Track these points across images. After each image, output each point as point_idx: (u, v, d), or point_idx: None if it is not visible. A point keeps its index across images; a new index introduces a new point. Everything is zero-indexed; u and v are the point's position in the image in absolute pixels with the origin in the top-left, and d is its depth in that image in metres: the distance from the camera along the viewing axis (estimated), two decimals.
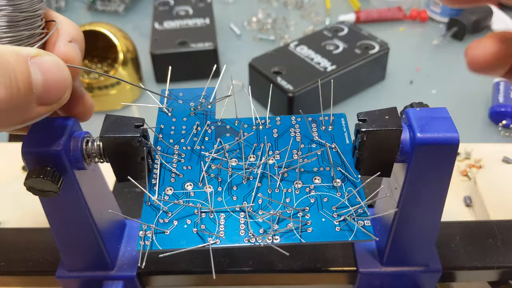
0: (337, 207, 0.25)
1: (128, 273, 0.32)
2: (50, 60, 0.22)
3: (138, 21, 0.75)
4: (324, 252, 0.34)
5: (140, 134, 0.25)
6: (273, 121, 0.30)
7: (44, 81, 0.21)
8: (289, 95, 0.50)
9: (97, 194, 0.30)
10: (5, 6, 0.21)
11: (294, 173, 0.27)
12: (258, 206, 0.25)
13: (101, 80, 0.56)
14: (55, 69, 0.22)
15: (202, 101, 0.31)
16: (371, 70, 0.57)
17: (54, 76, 0.22)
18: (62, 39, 0.24)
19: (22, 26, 0.22)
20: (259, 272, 0.33)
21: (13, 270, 0.34)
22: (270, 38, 0.69)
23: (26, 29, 0.22)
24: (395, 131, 0.25)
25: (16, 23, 0.22)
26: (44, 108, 0.22)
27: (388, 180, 0.30)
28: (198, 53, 0.59)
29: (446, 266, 0.32)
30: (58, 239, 0.30)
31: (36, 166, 0.25)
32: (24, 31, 0.22)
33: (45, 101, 0.22)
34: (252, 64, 0.55)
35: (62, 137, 0.25)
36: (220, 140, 0.29)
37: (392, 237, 0.30)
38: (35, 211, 0.42)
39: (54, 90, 0.22)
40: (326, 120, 0.30)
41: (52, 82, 0.22)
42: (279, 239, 0.24)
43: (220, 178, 0.27)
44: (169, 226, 0.25)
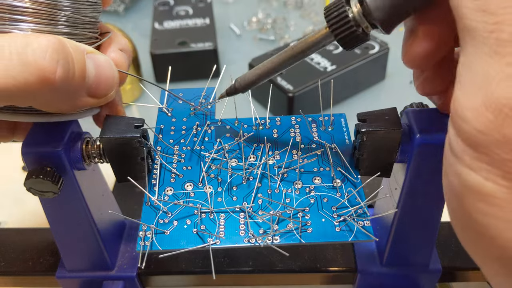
0: (337, 208, 0.25)
1: (128, 273, 0.32)
2: (103, 58, 0.24)
3: (138, 21, 0.75)
4: (324, 252, 0.34)
5: (140, 135, 0.25)
6: (273, 121, 0.30)
7: (96, 75, 0.24)
8: (289, 95, 0.50)
9: (97, 194, 0.30)
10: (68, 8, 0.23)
11: (294, 173, 0.27)
12: (258, 206, 0.25)
13: None
14: (107, 67, 0.24)
15: (202, 101, 0.31)
16: (371, 70, 0.57)
17: (105, 72, 0.24)
18: (114, 47, 0.27)
19: (80, 28, 0.24)
20: (259, 272, 0.33)
21: (13, 270, 0.34)
22: (270, 38, 0.69)
23: (83, 31, 0.25)
24: (395, 131, 0.25)
25: (75, 24, 0.24)
26: (92, 100, 0.24)
27: (388, 180, 0.30)
28: (198, 53, 0.59)
29: (446, 266, 0.32)
30: (58, 239, 0.30)
31: (36, 166, 0.25)
32: (81, 32, 0.25)
33: (94, 93, 0.24)
34: (252, 64, 0.55)
35: (62, 137, 0.25)
36: (220, 141, 0.29)
37: (392, 237, 0.30)
38: (35, 211, 0.43)
39: (103, 85, 0.24)
40: (326, 120, 0.30)
41: (103, 78, 0.24)
42: (279, 239, 0.24)
43: (220, 178, 0.27)
44: (169, 226, 0.25)
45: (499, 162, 0.16)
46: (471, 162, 0.17)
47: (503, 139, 0.16)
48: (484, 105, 0.16)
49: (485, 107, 0.16)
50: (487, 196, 0.17)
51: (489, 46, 0.16)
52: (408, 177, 0.26)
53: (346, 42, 0.22)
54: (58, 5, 0.23)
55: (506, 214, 0.17)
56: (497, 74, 0.16)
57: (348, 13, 0.21)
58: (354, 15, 0.21)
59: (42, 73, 0.20)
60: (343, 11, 0.21)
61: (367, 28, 0.21)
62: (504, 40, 0.16)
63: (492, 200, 0.17)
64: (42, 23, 0.22)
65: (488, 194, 0.17)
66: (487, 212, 0.17)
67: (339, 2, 0.22)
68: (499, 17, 0.16)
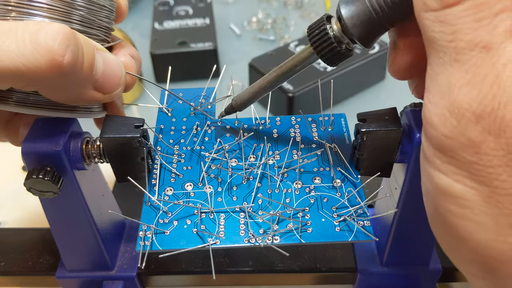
0: (337, 208, 0.25)
1: (128, 273, 0.32)
2: (113, 57, 0.25)
3: (138, 21, 0.75)
4: (324, 252, 0.34)
5: (140, 135, 0.25)
6: (273, 121, 0.30)
7: (104, 70, 0.24)
8: (289, 95, 0.50)
9: (97, 194, 0.30)
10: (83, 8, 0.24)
11: (294, 173, 0.27)
12: (258, 206, 0.25)
13: None
14: (115, 65, 0.25)
15: (202, 101, 0.31)
16: (371, 70, 0.57)
17: (113, 69, 0.25)
18: (124, 51, 0.27)
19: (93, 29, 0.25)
20: (259, 272, 0.33)
21: (13, 270, 0.34)
22: (270, 38, 0.69)
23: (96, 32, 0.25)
24: (395, 131, 0.25)
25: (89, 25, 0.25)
26: (97, 94, 0.25)
27: (388, 180, 0.30)
28: (198, 53, 0.59)
29: (446, 266, 0.32)
30: (58, 239, 0.30)
31: (36, 166, 0.25)
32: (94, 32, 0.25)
33: (100, 87, 0.24)
34: (252, 64, 0.55)
35: (62, 137, 0.25)
36: (220, 141, 0.29)
37: (392, 237, 0.30)
38: (35, 211, 0.43)
39: (110, 81, 0.25)
40: (326, 120, 0.30)
41: (110, 74, 0.25)
42: (279, 239, 0.24)
43: (220, 178, 0.27)
44: (169, 226, 0.25)
45: (466, 164, 0.17)
46: (441, 165, 0.18)
47: (467, 142, 0.17)
48: (448, 111, 0.17)
49: (449, 112, 0.17)
50: (457, 198, 0.18)
51: (449, 55, 0.17)
52: (408, 177, 0.26)
53: (329, 60, 0.23)
54: (73, 4, 0.24)
55: (476, 216, 0.17)
56: (457, 81, 0.17)
57: (329, 31, 0.22)
58: (335, 33, 0.22)
59: (51, 56, 0.21)
60: (323, 29, 0.22)
61: (349, 44, 0.22)
62: (462, 48, 0.16)
63: (462, 202, 0.18)
64: (56, 19, 0.23)
65: (458, 196, 0.18)
66: (458, 214, 0.18)
67: (320, 21, 0.23)
68: (456, 27, 0.16)
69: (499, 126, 0.16)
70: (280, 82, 0.26)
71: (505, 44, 0.16)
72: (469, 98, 0.16)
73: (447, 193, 0.18)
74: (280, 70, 0.26)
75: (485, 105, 0.16)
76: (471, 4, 0.16)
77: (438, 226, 0.20)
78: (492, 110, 0.16)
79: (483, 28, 0.16)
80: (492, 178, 0.17)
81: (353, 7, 0.21)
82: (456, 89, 0.17)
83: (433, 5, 0.17)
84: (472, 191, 0.17)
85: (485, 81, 0.16)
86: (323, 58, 0.23)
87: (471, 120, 0.17)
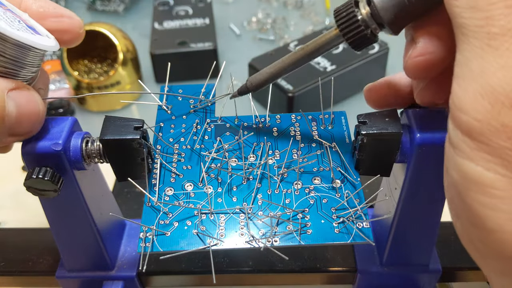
0: (336, 209, 0.25)
1: (128, 273, 0.32)
2: (27, 94, 0.23)
3: (138, 21, 0.75)
4: (324, 252, 0.34)
5: (140, 136, 0.25)
6: (273, 119, 0.30)
7: (17, 115, 0.23)
8: (289, 95, 0.50)
9: (97, 194, 0.30)
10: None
11: (294, 173, 0.27)
12: (258, 207, 0.25)
13: (101, 80, 0.56)
14: (31, 104, 0.23)
15: (201, 98, 0.31)
16: (371, 70, 0.57)
17: (28, 110, 0.23)
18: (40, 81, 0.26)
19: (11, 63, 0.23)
20: (259, 272, 0.33)
21: (13, 270, 0.34)
22: (270, 38, 0.69)
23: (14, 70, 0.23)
24: (395, 134, 0.25)
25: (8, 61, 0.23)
26: (13, 138, 0.24)
27: (388, 180, 0.30)
28: (198, 53, 0.59)
29: (446, 266, 0.32)
30: (58, 239, 0.30)
31: (36, 166, 0.25)
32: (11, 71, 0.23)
33: (15, 132, 0.23)
34: (252, 64, 0.55)
35: (62, 137, 0.25)
36: (220, 139, 0.29)
37: (392, 237, 0.30)
38: (35, 211, 0.42)
39: (25, 124, 0.23)
40: (326, 118, 0.29)
41: (25, 116, 0.23)
42: (278, 241, 0.24)
43: (220, 178, 0.27)
44: (169, 227, 0.25)
45: (498, 150, 0.17)
46: (471, 152, 0.17)
47: (501, 127, 0.16)
48: (481, 95, 0.17)
49: (482, 96, 0.17)
50: (487, 187, 0.17)
51: (481, 40, 0.17)
52: (408, 177, 0.26)
53: (355, 43, 0.23)
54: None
55: (507, 205, 0.17)
56: (491, 65, 0.16)
57: (357, 14, 0.22)
58: (363, 17, 0.22)
59: None
60: (351, 11, 0.22)
61: (376, 30, 0.22)
62: (494, 34, 0.16)
63: (492, 192, 0.17)
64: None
65: (489, 185, 0.17)
66: (488, 204, 0.17)
67: (348, 3, 0.22)
68: (488, 13, 0.16)
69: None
70: (299, 64, 0.25)
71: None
72: (504, 82, 0.16)
73: (477, 182, 0.17)
74: (303, 50, 0.25)
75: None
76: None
77: (464, 218, 0.19)
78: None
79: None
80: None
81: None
82: (490, 72, 0.17)
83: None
84: (503, 179, 0.17)
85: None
86: (349, 41, 0.23)
87: (506, 104, 0.16)
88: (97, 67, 0.60)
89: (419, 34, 0.21)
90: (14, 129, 0.23)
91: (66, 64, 0.56)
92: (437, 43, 0.21)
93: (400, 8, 0.21)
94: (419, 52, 0.21)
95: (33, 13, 0.26)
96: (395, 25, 0.21)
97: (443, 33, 0.20)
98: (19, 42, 0.22)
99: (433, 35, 0.21)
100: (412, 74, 0.22)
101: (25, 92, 0.23)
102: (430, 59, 0.21)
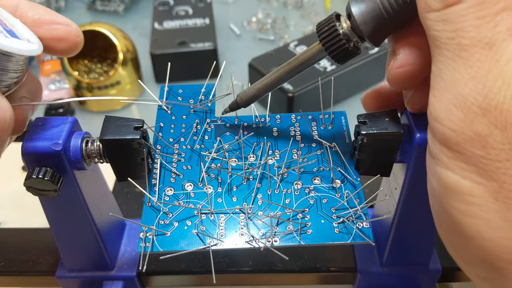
0: (336, 209, 0.25)
1: (128, 273, 0.32)
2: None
3: (138, 21, 0.75)
4: (324, 252, 0.34)
5: (140, 136, 0.25)
6: (273, 119, 0.30)
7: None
8: (289, 95, 0.50)
9: (97, 194, 0.30)
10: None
11: (294, 173, 0.27)
12: (258, 207, 0.25)
13: (101, 80, 0.56)
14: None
15: (201, 98, 0.31)
16: (371, 70, 0.57)
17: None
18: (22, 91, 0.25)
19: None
20: (259, 272, 0.33)
21: (13, 270, 0.34)
22: (270, 38, 0.69)
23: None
24: (395, 134, 0.25)
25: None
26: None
27: (388, 180, 0.30)
28: (198, 53, 0.59)
29: (446, 266, 0.32)
30: (58, 239, 0.30)
31: (36, 166, 0.25)
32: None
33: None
34: (252, 64, 0.55)
35: (62, 138, 0.25)
36: (220, 139, 0.29)
37: (392, 237, 0.30)
38: (35, 211, 0.42)
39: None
40: (326, 118, 0.29)
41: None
42: (278, 241, 0.24)
43: (220, 178, 0.27)
44: (169, 227, 0.25)
45: (473, 159, 0.17)
46: (448, 161, 0.18)
47: (474, 136, 0.17)
48: (454, 105, 0.17)
49: (455, 106, 0.17)
50: (465, 195, 0.18)
51: (452, 52, 0.17)
52: (408, 177, 0.26)
53: (338, 57, 0.23)
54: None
55: (484, 213, 0.17)
56: (462, 76, 0.17)
57: (339, 28, 0.22)
58: (344, 30, 0.22)
59: None
60: (333, 26, 0.22)
61: (358, 43, 0.22)
62: (465, 45, 0.17)
63: (470, 199, 0.17)
64: None
65: (466, 192, 0.18)
66: (466, 212, 0.18)
67: (329, 18, 0.23)
68: (458, 25, 0.17)
69: (505, 119, 0.16)
70: (287, 78, 0.26)
71: (507, 41, 0.17)
72: (475, 92, 0.17)
73: (455, 190, 0.18)
74: (288, 66, 0.25)
75: (491, 99, 0.16)
76: (472, 3, 0.17)
77: (445, 226, 0.20)
78: (497, 103, 0.16)
79: (485, 25, 0.17)
80: (500, 173, 0.17)
81: (364, 5, 0.21)
82: (461, 83, 0.17)
83: (435, 5, 0.17)
84: (479, 187, 0.17)
85: (489, 75, 0.16)
86: (332, 55, 0.23)
87: (478, 113, 0.17)
88: (97, 67, 0.60)
89: (399, 45, 0.22)
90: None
91: (66, 64, 0.56)
92: (417, 54, 0.21)
93: (378, 21, 0.21)
94: (399, 64, 0.21)
95: (28, 20, 0.25)
96: (375, 37, 0.22)
97: (423, 43, 0.20)
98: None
99: (413, 45, 0.21)
100: (394, 85, 0.22)
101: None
102: (410, 70, 0.21)
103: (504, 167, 0.17)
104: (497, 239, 0.17)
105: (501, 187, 0.17)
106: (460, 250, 0.19)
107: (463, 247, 0.19)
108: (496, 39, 0.16)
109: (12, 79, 0.24)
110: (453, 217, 0.18)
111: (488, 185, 0.17)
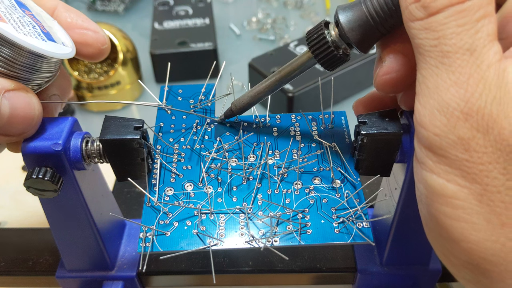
0: (336, 209, 0.25)
1: (128, 273, 0.32)
2: (24, 96, 0.23)
3: (138, 21, 0.75)
4: (324, 252, 0.34)
5: (140, 136, 0.25)
6: (273, 119, 0.30)
7: (10, 115, 0.23)
8: (289, 95, 0.50)
9: (97, 195, 0.30)
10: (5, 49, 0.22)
11: (294, 173, 0.27)
12: (258, 207, 0.25)
13: (101, 80, 0.56)
14: (26, 107, 0.23)
15: (201, 98, 0.31)
16: (371, 70, 0.57)
17: (22, 112, 0.23)
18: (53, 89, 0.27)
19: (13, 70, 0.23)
20: (259, 272, 0.33)
21: (13, 270, 0.34)
22: (270, 38, 0.69)
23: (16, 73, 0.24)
24: (395, 134, 0.25)
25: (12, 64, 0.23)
26: (4, 138, 0.24)
27: (388, 180, 0.30)
28: (198, 53, 0.59)
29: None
30: (58, 239, 0.30)
31: (36, 166, 0.25)
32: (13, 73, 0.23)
33: (6, 132, 0.24)
34: (252, 64, 0.55)
35: (62, 138, 0.25)
36: (220, 139, 0.29)
37: (392, 237, 0.30)
38: (35, 211, 0.43)
39: (18, 125, 0.24)
40: (326, 118, 0.29)
41: (18, 118, 0.23)
42: (278, 241, 0.24)
43: (220, 178, 0.27)
44: (169, 227, 0.25)
45: (457, 162, 0.18)
46: (433, 166, 0.18)
47: (458, 140, 0.17)
48: (437, 110, 0.18)
49: (438, 112, 0.18)
50: (450, 198, 0.18)
51: (435, 59, 0.18)
52: (408, 177, 0.26)
53: (327, 64, 0.24)
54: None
55: (469, 215, 0.18)
56: (445, 82, 0.18)
57: (327, 36, 0.23)
58: (332, 38, 0.23)
59: None
60: (321, 33, 0.23)
61: (346, 50, 0.23)
62: (446, 52, 0.17)
63: (455, 202, 0.18)
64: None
65: (451, 196, 0.18)
66: (451, 215, 0.18)
67: (318, 26, 0.23)
68: (440, 33, 0.17)
69: (486, 123, 0.17)
70: (279, 86, 0.27)
71: (487, 47, 0.17)
72: (457, 97, 0.17)
73: (440, 194, 0.18)
74: (279, 74, 0.26)
75: (472, 104, 0.17)
76: (453, 11, 0.17)
77: (433, 230, 0.20)
78: (479, 108, 0.17)
79: (466, 32, 0.17)
80: (483, 176, 0.17)
81: (351, 13, 0.22)
82: (443, 89, 0.17)
83: (418, 14, 0.18)
84: (464, 190, 0.18)
85: (470, 81, 0.17)
86: (321, 62, 0.24)
87: (460, 118, 0.17)
88: (97, 67, 0.60)
89: (385, 52, 0.22)
90: (6, 129, 0.23)
91: (66, 64, 0.56)
92: (402, 61, 0.21)
93: (365, 28, 0.22)
94: (385, 71, 0.22)
95: (61, 22, 0.27)
96: (362, 44, 0.22)
97: (409, 50, 0.21)
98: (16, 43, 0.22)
99: (399, 52, 0.21)
100: (382, 91, 0.23)
101: (22, 94, 0.23)
102: (396, 77, 0.22)
103: (487, 170, 0.17)
104: (482, 241, 0.18)
105: (484, 189, 0.17)
106: (448, 254, 0.20)
107: (450, 251, 0.19)
108: (477, 45, 0.17)
109: (44, 79, 0.25)
110: (439, 221, 0.19)
111: (472, 187, 0.17)
